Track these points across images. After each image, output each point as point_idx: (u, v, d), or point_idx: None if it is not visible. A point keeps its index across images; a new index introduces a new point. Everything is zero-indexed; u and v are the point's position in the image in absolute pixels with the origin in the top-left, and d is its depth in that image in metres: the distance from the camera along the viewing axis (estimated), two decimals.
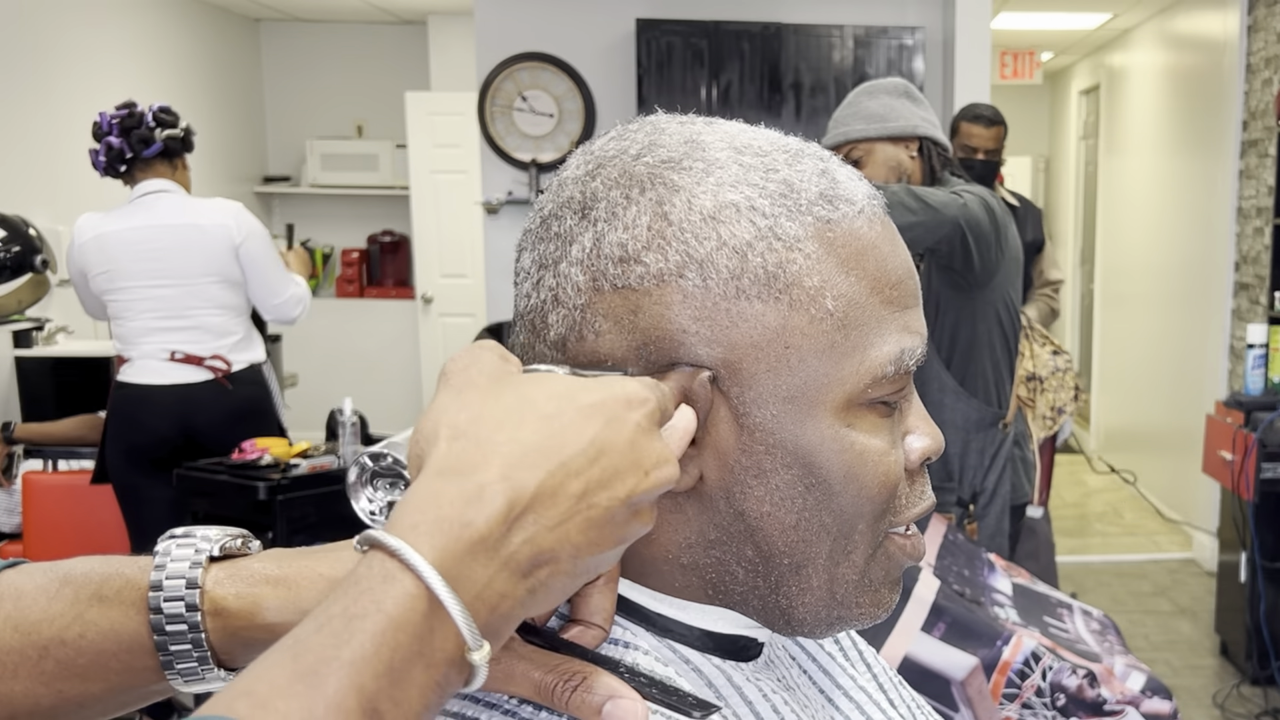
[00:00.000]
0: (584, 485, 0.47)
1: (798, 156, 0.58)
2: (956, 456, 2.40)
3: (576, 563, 0.48)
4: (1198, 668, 3.84)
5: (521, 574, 0.46)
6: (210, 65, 6.28)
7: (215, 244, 3.06)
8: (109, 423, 3.13)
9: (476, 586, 0.44)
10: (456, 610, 0.44)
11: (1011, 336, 2.47)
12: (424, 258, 6.51)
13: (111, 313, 3.10)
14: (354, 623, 0.43)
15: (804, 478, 0.57)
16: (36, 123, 4.63)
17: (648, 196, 0.56)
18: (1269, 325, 3.80)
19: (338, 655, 0.42)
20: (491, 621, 0.45)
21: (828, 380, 0.56)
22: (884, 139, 2.32)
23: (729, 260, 0.55)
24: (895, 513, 0.61)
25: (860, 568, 0.60)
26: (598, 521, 0.48)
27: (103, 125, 3.04)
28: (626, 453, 0.48)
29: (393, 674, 0.42)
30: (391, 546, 0.44)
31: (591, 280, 0.56)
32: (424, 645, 0.43)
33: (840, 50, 4.61)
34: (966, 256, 2.28)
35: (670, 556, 0.59)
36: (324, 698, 0.41)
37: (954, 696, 1.65)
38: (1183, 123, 5.51)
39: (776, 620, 0.60)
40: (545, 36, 4.73)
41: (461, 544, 0.44)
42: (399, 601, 0.43)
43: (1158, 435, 5.81)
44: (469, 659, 0.44)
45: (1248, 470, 3.47)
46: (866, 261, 0.57)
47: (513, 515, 0.45)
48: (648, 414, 0.50)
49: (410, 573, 0.44)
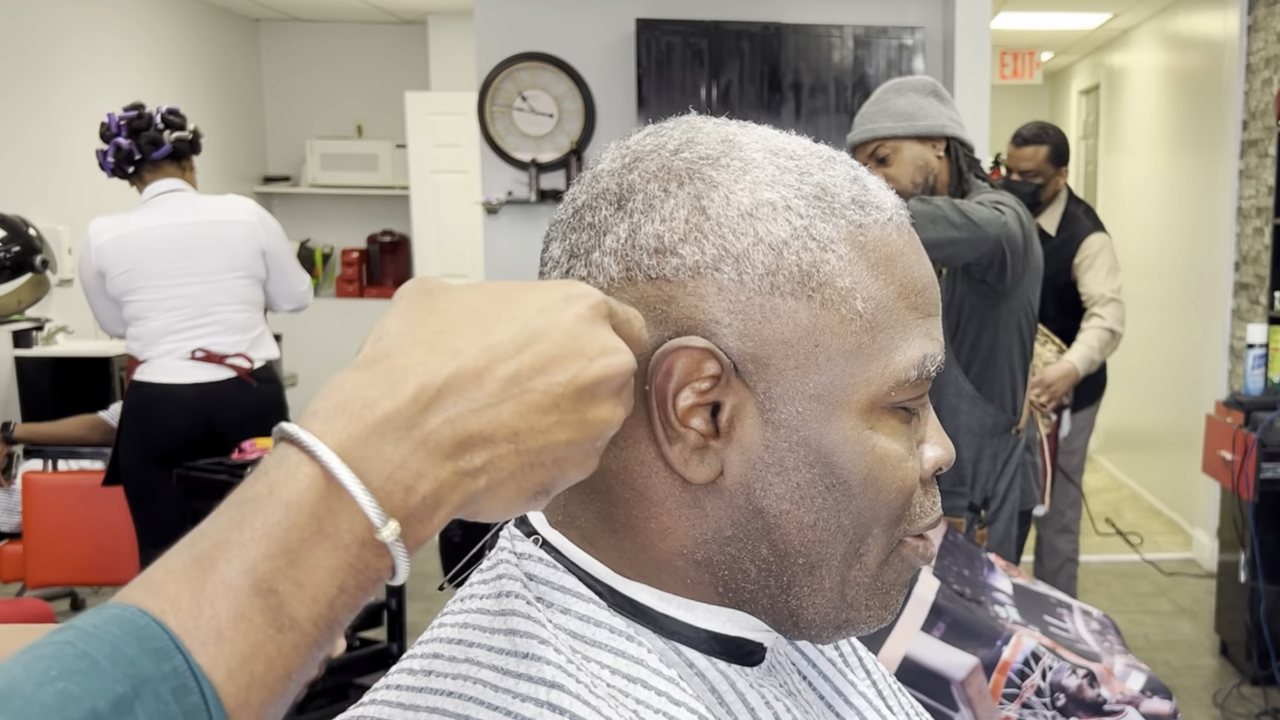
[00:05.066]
0: (514, 369, 0.47)
1: (830, 162, 0.60)
2: (970, 462, 2.39)
3: (522, 447, 0.47)
4: (1198, 668, 3.84)
5: (445, 454, 0.45)
6: (210, 65, 6.28)
7: (241, 241, 3.08)
8: (124, 422, 3.12)
9: (388, 467, 0.44)
10: (356, 487, 0.43)
11: (1029, 344, 2.46)
12: (424, 258, 6.51)
13: (130, 314, 3.08)
14: (246, 506, 0.43)
15: (824, 477, 0.57)
16: (36, 123, 4.63)
17: (686, 190, 0.57)
18: (1269, 325, 3.80)
19: (228, 538, 0.42)
20: (411, 502, 0.45)
21: (853, 381, 0.57)
22: (912, 138, 2.30)
23: (764, 257, 0.56)
24: (910, 521, 0.61)
25: (873, 571, 0.60)
26: (538, 406, 0.47)
27: (111, 126, 3.04)
28: (564, 341, 0.48)
29: (289, 554, 0.42)
30: (289, 432, 0.44)
31: (625, 270, 0.57)
32: (325, 525, 0.43)
33: (840, 50, 4.61)
34: (1001, 271, 2.28)
35: (685, 552, 0.59)
36: (212, 579, 0.41)
37: (954, 696, 1.65)
38: (1183, 122, 5.51)
39: (785, 622, 0.60)
40: (545, 36, 4.73)
41: (364, 425, 0.44)
42: (292, 482, 0.43)
43: (1158, 435, 5.81)
44: (378, 538, 0.44)
45: (1248, 470, 3.47)
46: (895, 267, 0.58)
47: (426, 396, 0.45)
48: (589, 306, 0.50)
49: (305, 454, 0.43)
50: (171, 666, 0.40)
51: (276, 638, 0.42)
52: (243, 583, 0.41)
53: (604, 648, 0.57)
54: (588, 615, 0.58)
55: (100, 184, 4.65)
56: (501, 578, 0.59)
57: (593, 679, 0.55)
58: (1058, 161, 3.70)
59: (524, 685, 0.54)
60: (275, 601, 0.42)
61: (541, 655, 0.54)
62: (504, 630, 0.56)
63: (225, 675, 0.41)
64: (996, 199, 2.26)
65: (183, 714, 0.39)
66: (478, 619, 0.58)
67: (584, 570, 0.60)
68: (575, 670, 0.54)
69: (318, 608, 0.43)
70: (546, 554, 0.60)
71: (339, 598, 0.43)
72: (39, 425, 3.55)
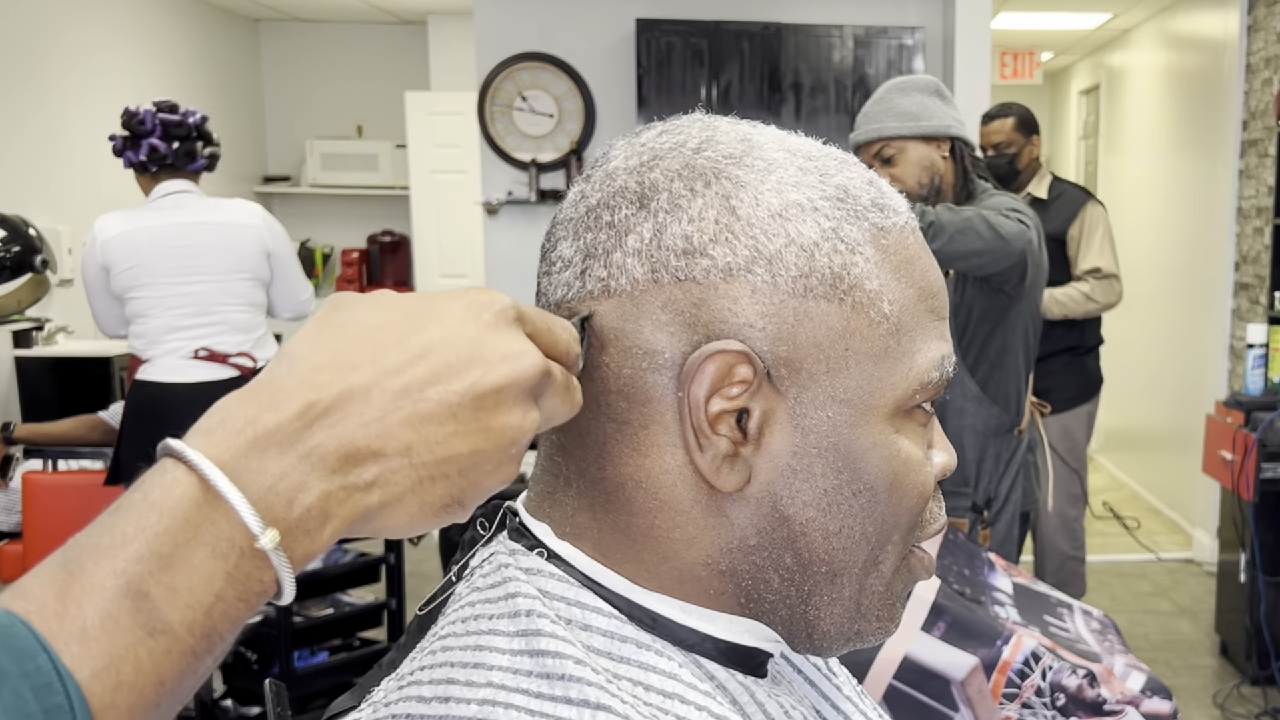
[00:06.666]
0: (405, 382, 0.46)
1: (845, 164, 0.59)
2: (974, 462, 2.39)
3: (417, 460, 0.46)
4: (1198, 668, 3.84)
5: (330, 468, 0.45)
6: (210, 65, 6.27)
7: (248, 243, 3.09)
8: (126, 421, 3.12)
9: (269, 479, 0.44)
10: (233, 494, 0.43)
11: (1034, 345, 2.46)
12: (424, 258, 6.51)
13: (133, 311, 3.07)
14: (120, 514, 0.43)
15: (852, 483, 0.57)
16: (36, 123, 4.63)
17: (713, 190, 0.55)
18: (1269, 325, 3.80)
19: (99, 543, 0.42)
20: (294, 514, 0.44)
21: (881, 385, 0.57)
22: (917, 138, 2.30)
23: (797, 258, 0.55)
24: (921, 527, 0.61)
25: (887, 580, 0.60)
26: (432, 417, 0.46)
27: (146, 123, 3.04)
28: (464, 349, 0.47)
29: (162, 558, 0.42)
30: (171, 447, 0.44)
31: (651, 271, 0.55)
32: (202, 532, 0.43)
33: (840, 50, 4.61)
34: (1020, 281, 2.29)
35: (710, 562, 0.57)
36: (80, 580, 0.41)
37: (954, 696, 1.65)
38: (1183, 123, 5.51)
39: (799, 633, 0.60)
40: (545, 36, 4.73)
41: (245, 439, 0.44)
42: (169, 491, 0.43)
43: (1158, 435, 5.81)
44: (258, 547, 0.43)
45: (1248, 470, 3.47)
46: (914, 270, 0.58)
47: (312, 414, 0.45)
48: (495, 312, 0.49)
49: (184, 465, 0.44)
50: (35, 665, 0.39)
51: (147, 641, 0.41)
52: (111, 584, 0.41)
53: (632, 664, 0.55)
54: (611, 631, 0.56)
55: (100, 184, 4.64)
56: (514, 596, 0.56)
57: (633, 698, 0.53)
58: (1026, 130, 3.77)
59: (564, 709, 0.51)
60: (146, 605, 0.41)
61: (579, 676, 0.52)
62: (527, 651, 0.53)
63: (90, 675, 0.40)
64: (1013, 206, 2.26)
65: (43, 712, 0.38)
66: (492, 640, 0.54)
67: (598, 584, 0.58)
68: (617, 690, 0.52)
69: (193, 614, 0.42)
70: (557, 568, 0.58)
71: (217, 606, 0.43)
72: (39, 425, 3.55)
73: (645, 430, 0.56)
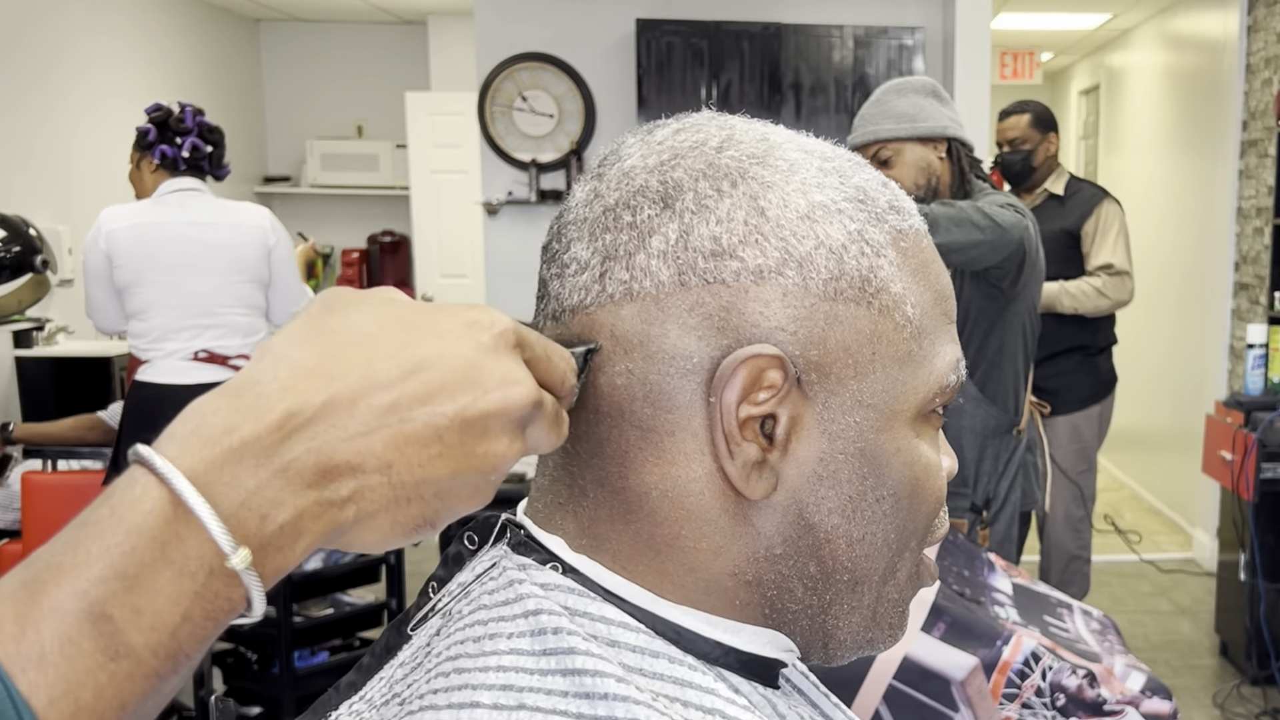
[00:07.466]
0: (393, 398, 0.44)
1: (859, 165, 0.59)
2: (973, 462, 2.39)
3: (396, 479, 0.45)
4: (1198, 668, 3.84)
5: (306, 483, 0.43)
6: (210, 65, 6.27)
7: (252, 244, 3.10)
8: (125, 422, 3.12)
9: (243, 493, 0.42)
10: (205, 512, 0.41)
11: (1032, 345, 2.46)
12: (424, 258, 6.51)
13: (133, 308, 3.07)
14: (86, 529, 0.41)
15: (876, 489, 0.56)
16: (37, 123, 4.63)
17: (740, 190, 0.54)
18: (1269, 325, 3.80)
19: (61, 561, 0.40)
20: (267, 530, 0.43)
21: (904, 389, 0.56)
22: (914, 139, 2.30)
23: (827, 261, 0.54)
24: (931, 532, 0.61)
25: (902, 586, 0.60)
26: (417, 437, 0.45)
27: (186, 120, 3.06)
28: (458, 369, 0.46)
29: (126, 579, 0.40)
30: (142, 455, 0.42)
31: (678, 274, 0.53)
32: (170, 551, 0.41)
33: (840, 50, 4.61)
34: (1016, 275, 2.29)
35: (736, 572, 0.56)
36: (41, 602, 0.40)
37: (954, 696, 1.65)
38: (1182, 123, 5.51)
39: (815, 643, 0.59)
40: (545, 36, 4.73)
41: (220, 449, 0.42)
42: (138, 506, 0.41)
43: (1158, 435, 5.81)
44: (229, 566, 0.41)
45: (1248, 470, 3.47)
46: (929, 273, 0.58)
47: (293, 424, 0.43)
48: (495, 334, 0.47)
49: (155, 477, 0.42)
50: None
51: (109, 665, 0.40)
52: (72, 606, 0.40)
53: (668, 680, 0.53)
54: (640, 646, 0.54)
55: (101, 184, 4.64)
56: (538, 614, 0.53)
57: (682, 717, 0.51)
58: (1043, 127, 3.76)
59: None
60: (109, 628, 0.40)
61: (623, 694, 0.49)
62: (559, 671, 0.50)
63: (47, 702, 0.39)
64: (1007, 200, 2.27)
65: None
66: (516, 660, 0.51)
67: (619, 598, 0.56)
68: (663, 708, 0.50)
69: (158, 636, 0.41)
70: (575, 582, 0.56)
71: (183, 627, 0.41)
72: (38, 425, 3.55)
73: (671, 437, 0.54)
